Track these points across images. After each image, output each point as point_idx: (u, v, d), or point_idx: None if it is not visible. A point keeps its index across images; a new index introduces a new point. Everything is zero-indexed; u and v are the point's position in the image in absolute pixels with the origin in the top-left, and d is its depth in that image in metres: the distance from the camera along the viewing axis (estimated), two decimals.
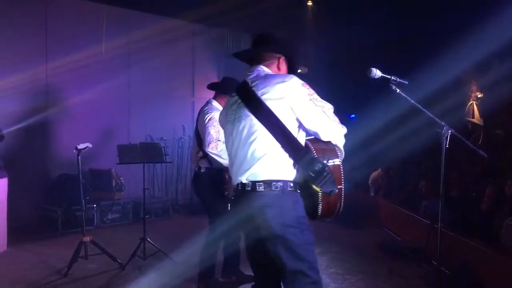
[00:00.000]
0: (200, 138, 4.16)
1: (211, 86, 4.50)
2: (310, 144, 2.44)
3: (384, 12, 7.43)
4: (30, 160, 6.96)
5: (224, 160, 4.02)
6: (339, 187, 2.38)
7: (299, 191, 2.44)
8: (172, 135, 8.60)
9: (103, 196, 7.26)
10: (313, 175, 2.32)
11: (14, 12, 6.84)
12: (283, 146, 2.37)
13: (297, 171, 2.41)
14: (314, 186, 2.34)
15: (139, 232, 5.36)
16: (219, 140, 3.98)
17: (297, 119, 2.42)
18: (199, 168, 4.21)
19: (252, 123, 2.43)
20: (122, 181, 7.43)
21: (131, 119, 8.28)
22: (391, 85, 2.85)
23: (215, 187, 4.11)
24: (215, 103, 4.29)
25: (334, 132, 2.45)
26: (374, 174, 8.54)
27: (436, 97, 6.40)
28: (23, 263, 5.18)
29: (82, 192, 5.07)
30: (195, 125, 4.34)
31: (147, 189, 5.58)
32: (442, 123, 3.12)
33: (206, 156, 4.08)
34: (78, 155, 4.94)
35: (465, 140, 3.19)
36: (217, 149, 3.98)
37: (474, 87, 7.55)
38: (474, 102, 7.48)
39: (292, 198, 2.41)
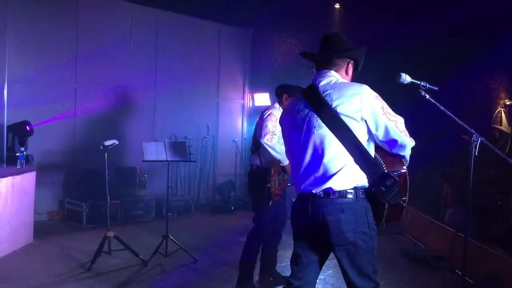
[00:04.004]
0: (255, 135, 4.33)
1: (278, 88, 4.50)
2: (378, 156, 2.50)
3: (410, 16, 7.33)
4: (58, 154, 7.09)
5: (277, 154, 4.11)
6: (404, 198, 2.50)
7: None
8: (196, 134, 8.65)
9: (127, 192, 7.34)
10: (384, 189, 2.39)
11: (46, 7, 6.97)
12: (355, 159, 2.41)
13: (367, 181, 2.45)
14: (382, 199, 2.43)
15: (161, 229, 5.43)
16: (274, 134, 4.09)
17: (369, 131, 2.44)
18: (251, 165, 4.36)
19: (326, 135, 2.43)
20: (146, 178, 7.51)
21: (156, 117, 8.36)
22: (421, 91, 2.81)
23: (261, 183, 4.18)
24: (276, 105, 4.39)
25: (403, 146, 2.48)
26: None
27: (463, 103, 6.29)
28: (48, 256, 5.29)
29: (108, 188, 5.17)
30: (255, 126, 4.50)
31: (171, 187, 5.63)
32: (472, 130, 3.07)
33: (257, 151, 4.25)
34: (104, 151, 5.02)
35: (495, 149, 3.12)
36: (272, 142, 4.08)
37: (502, 94, 7.40)
38: (502, 109, 7.32)
39: (364, 204, 2.46)
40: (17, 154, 5.64)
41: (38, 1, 6.89)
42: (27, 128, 6.09)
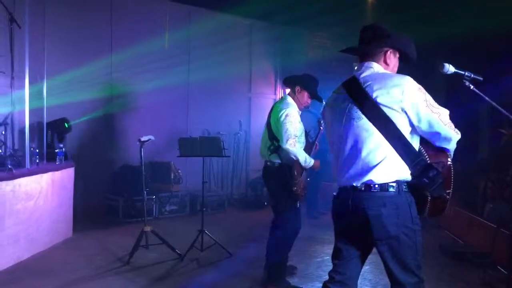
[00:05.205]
0: (271, 132, 4.15)
1: (290, 80, 4.36)
2: (422, 148, 2.44)
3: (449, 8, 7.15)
4: (95, 150, 7.22)
5: (300, 158, 3.97)
6: (448, 191, 2.42)
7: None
8: (228, 130, 8.68)
9: (161, 188, 7.42)
10: (427, 181, 2.34)
11: (81, 6, 7.10)
12: (397, 151, 2.36)
13: (410, 174, 2.40)
14: (425, 191, 2.38)
15: (195, 224, 5.47)
16: (296, 136, 3.95)
17: (411, 124, 2.38)
18: (271, 162, 4.17)
19: (366, 127, 2.39)
20: (180, 173, 7.58)
21: (190, 113, 8.43)
22: (465, 81, 2.72)
23: (285, 183, 4.03)
24: (289, 99, 4.23)
25: (447, 139, 2.42)
26: None
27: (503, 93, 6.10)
28: (87, 250, 5.41)
29: (144, 183, 5.23)
30: (267, 119, 4.33)
31: (206, 182, 5.66)
32: None
33: (276, 150, 4.06)
34: (141, 147, 5.09)
35: None
36: (295, 147, 3.93)
37: None
38: None
39: (407, 198, 2.41)
40: (56, 151, 5.79)
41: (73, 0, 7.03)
42: (65, 124, 6.24)
